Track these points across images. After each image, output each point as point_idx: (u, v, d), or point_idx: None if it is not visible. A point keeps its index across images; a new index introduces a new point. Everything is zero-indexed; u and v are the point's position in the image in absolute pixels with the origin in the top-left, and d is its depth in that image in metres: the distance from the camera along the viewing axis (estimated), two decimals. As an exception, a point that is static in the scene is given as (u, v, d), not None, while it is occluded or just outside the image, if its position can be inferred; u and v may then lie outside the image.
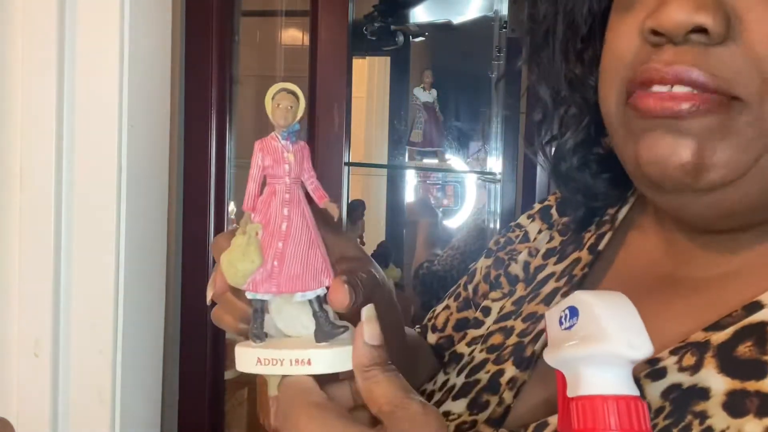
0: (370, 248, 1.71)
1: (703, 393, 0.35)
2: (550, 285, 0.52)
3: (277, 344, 0.37)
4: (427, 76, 1.68)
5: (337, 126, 0.94)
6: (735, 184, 0.36)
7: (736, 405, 0.34)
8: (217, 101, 1.06)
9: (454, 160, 1.80)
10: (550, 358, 0.33)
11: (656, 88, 0.36)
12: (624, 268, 0.49)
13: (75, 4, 0.79)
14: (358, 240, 1.72)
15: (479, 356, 0.52)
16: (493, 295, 0.58)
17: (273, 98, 0.36)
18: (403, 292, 1.73)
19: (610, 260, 0.50)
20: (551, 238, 0.57)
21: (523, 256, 0.59)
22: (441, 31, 1.72)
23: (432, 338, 0.63)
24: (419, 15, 1.68)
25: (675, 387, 0.37)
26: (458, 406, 0.49)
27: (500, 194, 1.53)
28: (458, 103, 1.79)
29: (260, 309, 0.37)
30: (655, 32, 0.35)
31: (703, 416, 0.35)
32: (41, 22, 0.78)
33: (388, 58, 1.86)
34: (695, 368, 0.37)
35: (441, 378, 0.54)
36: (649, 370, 0.38)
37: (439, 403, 0.51)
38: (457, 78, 1.79)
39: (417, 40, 1.73)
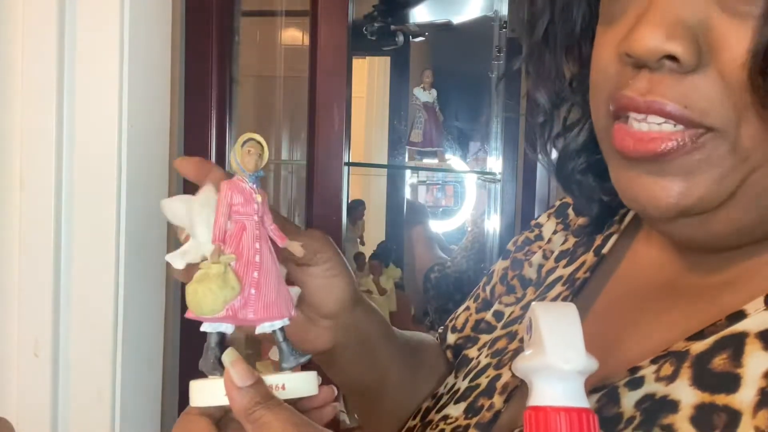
0: (369, 248, 1.71)
1: (673, 405, 0.34)
2: (557, 289, 0.51)
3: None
4: (427, 76, 1.68)
5: (337, 126, 0.94)
6: (718, 210, 0.36)
7: (703, 420, 0.33)
8: (217, 101, 1.06)
9: (454, 160, 1.80)
10: (514, 367, 0.33)
11: (632, 116, 0.36)
12: (627, 273, 0.48)
13: (75, 4, 0.79)
14: (358, 240, 1.72)
15: (484, 361, 0.52)
16: (506, 299, 0.58)
17: (242, 146, 0.39)
18: (404, 292, 1.73)
19: (615, 264, 0.49)
20: (566, 240, 0.57)
21: (537, 258, 0.58)
22: (441, 31, 1.72)
23: (451, 338, 0.63)
24: (419, 15, 1.68)
25: (648, 397, 0.36)
26: (457, 410, 0.49)
27: (500, 194, 1.53)
28: (458, 103, 1.79)
29: (218, 341, 0.40)
30: (629, 55, 0.35)
31: (669, 430, 0.34)
32: (41, 22, 0.78)
33: (388, 58, 1.86)
34: (671, 378, 0.36)
35: (450, 381, 0.54)
36: (628, 379, 0.38)
37: (443, 407, 0.51)
38: (457, 78, 1.79)
39: (417, 40, 1.73)
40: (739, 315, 0.36)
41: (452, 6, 1.67)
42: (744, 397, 0.33)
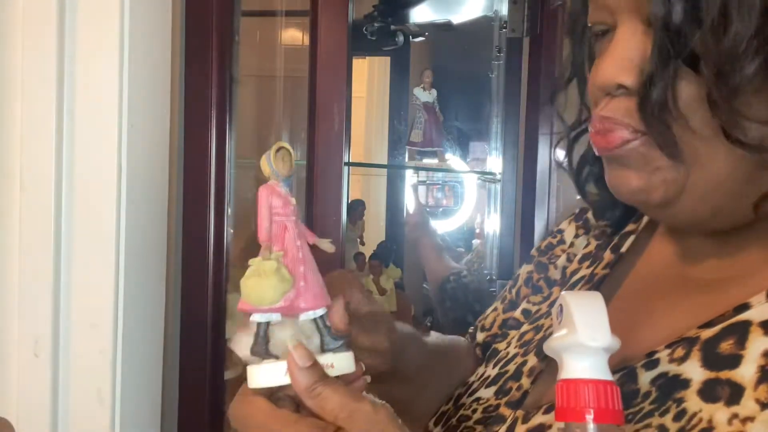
0: (369, 248, 1.71)
1: (685, 383, 0.40)
2: (579, 287, 0.56)
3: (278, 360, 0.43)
4: (427, 76, 1.68)
5: (337, 126, 0.94)
6: (676, 202, 0.42)
7: (709, 391, 0.39)
8: (217, 101, 1.06)
9: (454, 160, 1.80)
10: (545, 347, 0.39)
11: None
12: (643, 269, 0.53)
13: (75, 4, 0.79)
14: (358, 240, 1.72)
15: (512, 351, 0.58)
16: (533, 299, 0.64)
17: (275, 154, 0.43)
18: (404, 292, 1.73)
19: (632, 262, 0.54)
20: (588, 243, 0.61)
21: (561, 261, 0.64)
22: (441, 31, 1.72)
23: (480, 337, 0.70)
24: (419, 15, 1.68)
25: (662, 375, 0.42)
26: (488, 393, 0.56)
27: (500, 194, 1.53)
28: (458, 103, 1.79)
29: (265, 330, 0.43)
30: (596, 86, 0.43)
31: (680, 401, 0.39)
32: (41, 22, 0.78)
33: (388, 58, 1.86)
34: (683, 359, 0.41)
35: (481, 370, 0.61)
36: (645, 361, 0.43)
37: (474, 391, 0.58)
38: (457, 78, 1.78)
39: (417, 40, 1.73)
40: (745, 306, 0.41)
41: (452, 6, 1.67)
42: (745, 372, 0.38)
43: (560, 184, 1.42)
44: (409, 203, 1.85)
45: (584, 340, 0.36)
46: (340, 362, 0.43)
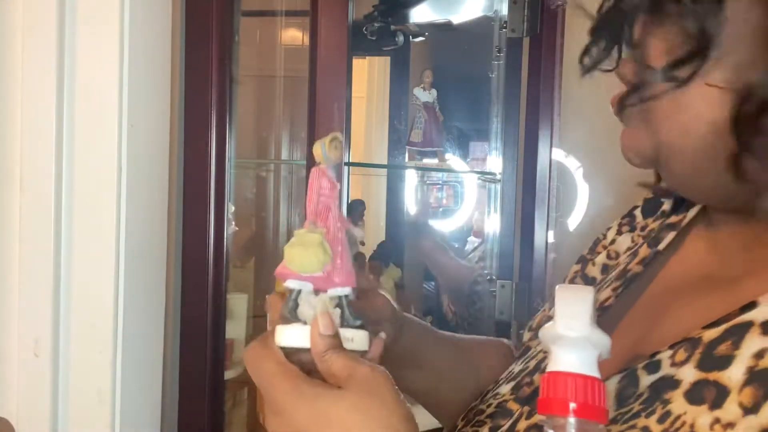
0: (369, 248, 1.71)
1: (676, 383, 0.39)
2: (613, 284, 0.56)
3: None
4: (427, 76, 1.68)
5: (337, 126, 0.94)
6: (663, 167, 0.44)
7: (696, 393, 0.37)
8: (217, 101, 1.06)
9: (454, 160, 1.80)
10: (539, 338, 0.39)
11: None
12: (674, 267, 0.52)
13: (75, 4, 0.79)
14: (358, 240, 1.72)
15: (538, 348, 0.58)
16: None
17: (330, 143, 0.48)
18: (404, 292, 1.73)
19: (667, 259, 0.53)
20: (632, 241, 0.61)
21: (601, 258, 0.63)
22: (441, 31, 1.72)
23: (526, 336, 0.71)
24: (419, 15, 1.68)
25: (661, 378, 0.40)
26: (506, 388, 0.56)
27: (500, 194, 1.53)
28: (458, 103, 1.78)
29: (296, 296, 0.47)
30: None
31: (667, 402, 0.38)
32: (41, 22, 0.78)
33: (388, 58, 1.86)
34: (684, 363, 0.40)
35: (510, 367, 0.62)
36: (646, 362, 0.42)
37: (497, 387, 0.58)
38: (457, 78, 1.78)
39: (417, 40, 1.73)
40: (752, 305, 0.39)
41: (452, 6, 1.66)
42: (732, 374, 0.36)
43: (560, 184, 1.42)
44: (420, 223, 1.84)
45: (561, 329, 0.36)
46: (359, 338, 0.46)
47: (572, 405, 0.34)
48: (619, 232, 0.64)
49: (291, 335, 0.46)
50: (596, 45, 0.47)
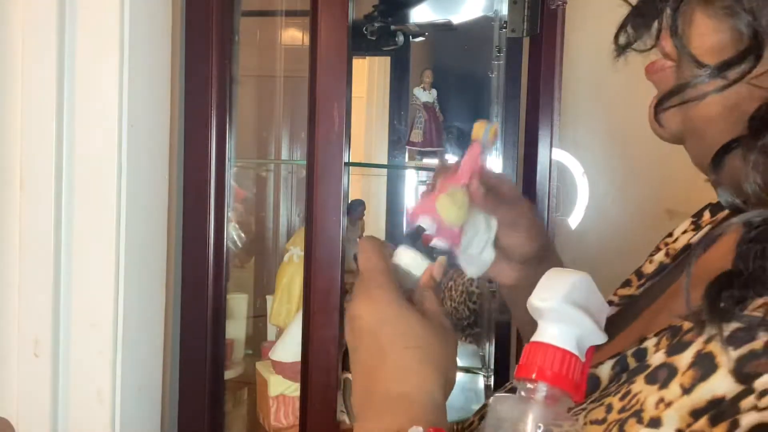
0: (370, 248, 1.71)
1: (645, 367, 0.40)
2: (647, 278, 0.57)
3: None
4: (427, 76, 1.68)
5: (337, 126, 0.94)
6: (687, 140, 0.44)
7: (653, 375, 0.39)
8: (217, 101, 1.06)
9: (454, 160, 1.79)
10: (527, 306, 0.41)
11: None
12: (701, 263, 0.51)
13: (75, 4, 0.79)
14: (358, 240, 1.71)
15: None
16: (621, 291, 0.64)
17: (493, 130, 0.59)
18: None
19: (702, 252, 0.52)
20: (689, 241, 0.60)
21: (659, 256, 0.63)
22: (441, 31, 1.72)
23: None
24: (419, 15, 1.68)
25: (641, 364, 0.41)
26: None
27: (500, 194, 1.53)
28: (458, 103, 1.78)
29: (420, 233, 0.56)
30: None
31: (631, 382, 0.40)
32: (41, 22, 0.78)
33: (388, 58, 1.86)
34: (659, 349, 0.41)
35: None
36: (635, 349, 0.43)
37: None
38: (457, 78, 1.78)
39: (417, 40, 1.73)
40: None
41: (452, 6, 1.66)
42: (684, 358, 0.37)
43: (560, 184, 1.42)
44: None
45: (532, 298, 0.39)
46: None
47: (546, 372, 0.37)
48: (685, 231, 0.62)
49: (410, 259, 0.55)
50: (633, 24, 0.45)
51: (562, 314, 0.38)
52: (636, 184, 1.50)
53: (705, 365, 0.36)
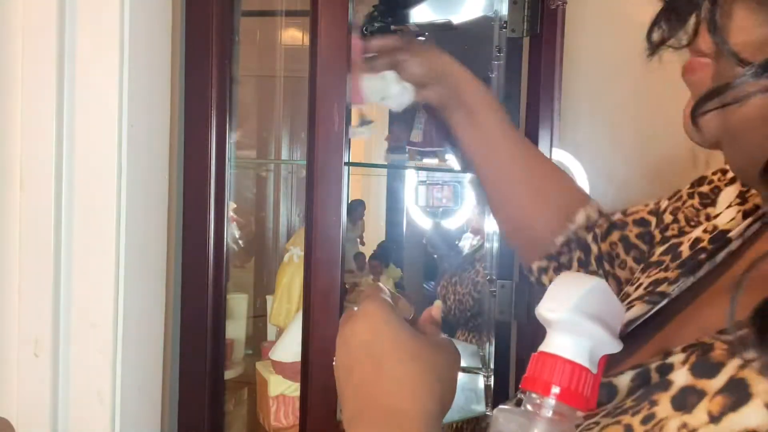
0: (369, 248, 1.71)
1: (667, 385, 0.36)
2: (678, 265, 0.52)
3: None
4: (427, 76, 1.68)
5: (337, 126, 0.94)
6: (724, 146, 0.41)
7: (680, 400, 0.35)
8: (217, 101, 1.06)
9: (454, 160, 1.80)
10: (536, 314, 0.39)
11: None
12: (744, 261, 0.47)
13: (75, 4, 0.79)
14: (358, 240, 1.72)
15: None
16: (655, 274, 0.57)
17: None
18: (404, 292, 1.73)
19: (747, 249, 0.49)
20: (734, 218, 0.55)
21: (697, 233, 0.56)
22: (441, 31, 1.72)
23: None
24: (419, 15, 1.68)
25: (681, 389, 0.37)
26: None
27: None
28: (458, 103, 1.78)
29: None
30: None
31: (654, 403, 0.36)
32: (41, 22, 0.78)
33: (388, 58, 1.86)
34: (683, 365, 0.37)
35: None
36: (659, 363, 0.39)
37: None
38: (457, 78, 1.78)
39: (417, 40, 1.73)
40: None
41: (452, 6, 1.66)
42: (716, 382, 0.33)
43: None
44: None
45: (541, 308, 0.37)
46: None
47: (554, 388, 0.35)
48: (730, 205, 0.55)
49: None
50: (666, 19, 0.41)
51: (573, 325, 0.36)
52: (636, 185, 1.50)
53: (737, 393, 0.32)
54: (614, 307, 0.38)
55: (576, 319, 0.36)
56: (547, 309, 0.36)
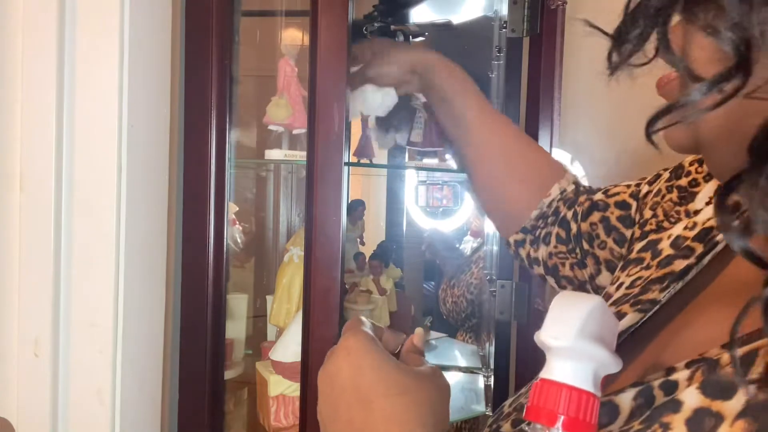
0: (369, 248, 1.71)
1: (677, 405, 0.35)
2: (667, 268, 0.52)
3: None
4: (427, 76, 1.68)
5: (337, 126, 0.94)
6: (706, 151, 0.41)
7: (697, 423, 0.34)
8: (217, 101, 1.06)
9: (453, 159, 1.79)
10: (535, 339, 0.37)
11: None
12: (731, 271, 0.47)
13: (75, 4, 0.79)
14: (358, 240, 1.72)
15: None
16: (634, 271, 0.57)
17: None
18: (404, 292, 1.73)
19: (731, 257, 0.48)
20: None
21: (678, 230, 0.55)
22: (441, 31, 1.72)
23: None
24: (419, 15, 1.68)
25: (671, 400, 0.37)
26: (507, 426, 0.54)
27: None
28: (458, 103, 1.78)
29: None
30: None
31: (666, 427, 0.35)
32: (41, 22, 0.78)
33: (388, 58, 1.86)
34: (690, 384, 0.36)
35: (515, 401, 0.60)
36: (662, 380, 0.38)
37: (498, 419, 0.57)
38: (457, 78, 1.78)
39: (417, 40, 1.73)
40: None
41: (452, 6, 1.66)
42: (734, 404, 0.33)
43: (560, 184, 1.42)
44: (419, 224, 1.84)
45: (545, 336, 0.35)
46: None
47: (560, 418, 0.33)
48: (709, 201, 0.54)
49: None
50: (624, 41, 0.42)
51: (577, 351, 0.34)
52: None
53: (761, 418, 0.31)
54: (612, 324, 0.37)
55: (580, 344, 0.34)
56: (551, 336, 0.35)
